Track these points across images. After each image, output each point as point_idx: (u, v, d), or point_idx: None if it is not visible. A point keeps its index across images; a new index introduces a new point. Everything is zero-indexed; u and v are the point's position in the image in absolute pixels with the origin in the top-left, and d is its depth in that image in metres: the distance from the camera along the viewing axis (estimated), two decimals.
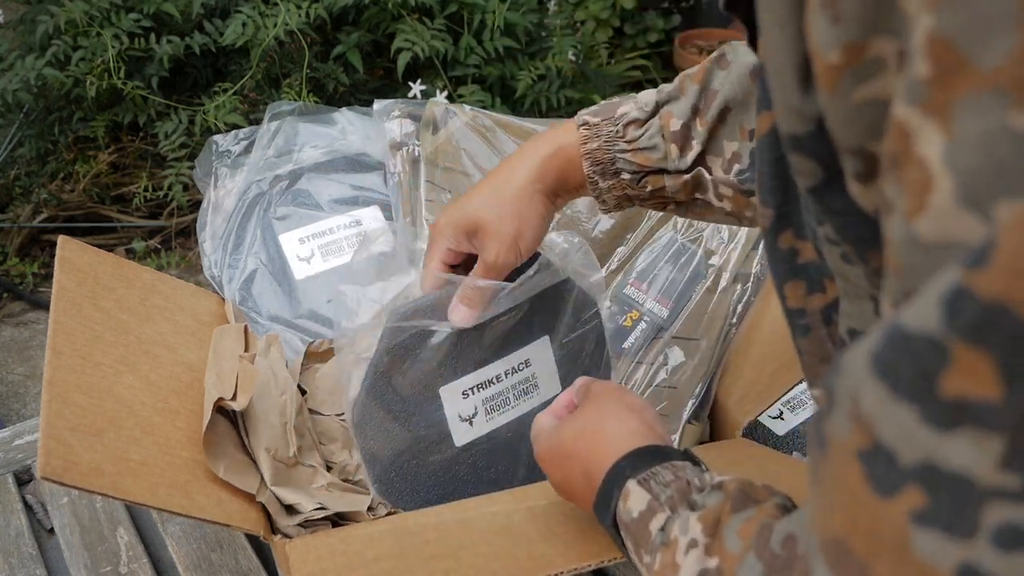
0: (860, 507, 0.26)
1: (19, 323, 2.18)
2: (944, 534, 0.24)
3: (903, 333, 0.24)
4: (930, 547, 0.24)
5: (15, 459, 0.89)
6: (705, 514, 0.48)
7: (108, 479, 0.59)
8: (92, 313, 0.74)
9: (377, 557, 0.62)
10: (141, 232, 2.29)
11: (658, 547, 0.49)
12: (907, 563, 0.25)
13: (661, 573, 0.48)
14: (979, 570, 0.24)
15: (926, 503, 0.24)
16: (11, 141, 2.15)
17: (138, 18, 1.90)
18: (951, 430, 0.23)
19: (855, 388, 0.26)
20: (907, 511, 0.25)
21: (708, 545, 0.45)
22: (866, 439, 0.26)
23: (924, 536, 0.25)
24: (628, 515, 0.52)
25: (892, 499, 0.25)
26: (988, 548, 0.24)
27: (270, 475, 0.71)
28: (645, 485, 0.52)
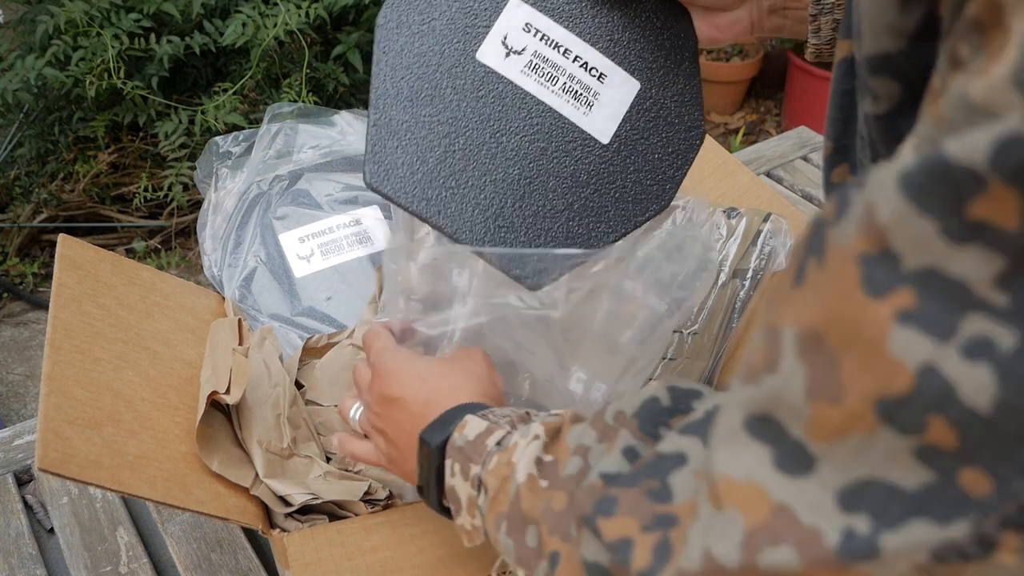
0: (847, 303, 0.27)
1: (19, 323, 2.18)
2: (921, 333, 0.26)
3: (945, 160, 0.25)
4: (903, 343, 0.26)
5: (15, 459, 0.89)
6: (547, 419, 0.50)
7: (106, 472, 0.59)
8: (92, 310, 0.74)
9: (375, 547, 0.62)
10: (141, 232, 2.29)
11: (493, 453, 0.50)
12: (877, 356, 0.27)
13: (495, 472, 0.49)
14: (939, 371, 0.25)
15: (916, 303, 0.26)
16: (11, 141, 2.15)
17: (138, 18, 1.90)
18: (964, 243, 0.25)
19: (873, 200, 0.27)
20: (893, 310, 0.26)
21: (547, 444, 0.48)
22: (873, 245, 0.27)
23: (902, 333, 0.26)
24: (463, 439, 0.52)
25: (882, 298, 0.26)
26: (955, 353, 0.25)
27: (263, 467, 0.71)
28: (483, 417, 0.53)
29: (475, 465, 0.51)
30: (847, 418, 0.28)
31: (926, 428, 0.26)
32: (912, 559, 0.27)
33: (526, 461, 0.47)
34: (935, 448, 0.26)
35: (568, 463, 0.45)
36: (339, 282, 0.96)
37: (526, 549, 0.46)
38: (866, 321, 0.27)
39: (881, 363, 0.27)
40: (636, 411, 0.45)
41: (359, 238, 0.99)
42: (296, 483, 0.71)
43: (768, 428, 0.31)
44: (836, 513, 0.28)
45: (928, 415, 0.26)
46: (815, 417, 0.29)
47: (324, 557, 0.62)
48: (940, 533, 0.26)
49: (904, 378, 0.26)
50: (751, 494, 0.31)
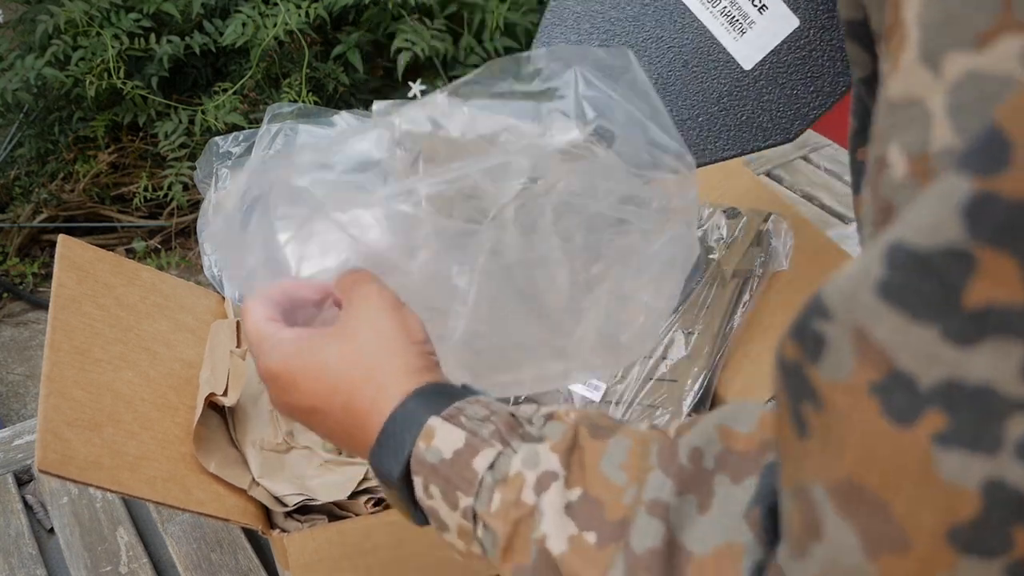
0: (876, 441, 0.25)
1: (19, 323, 2.18)
2: (968, 452, 0.24)
3: (915, 252, 0.24)
4: (954, 467, 0.24)
5: (15, 459, 0.89)
6: (557, 443, 0.41)
7: (106, 472, 0.59)
8: (91, 310, 0.74)
9: (375, 547, 0.62)
10: (141, 232, 2.29)
11: (490, 486, 0.41)
12: (930, 487, 0.24)
13: (501, 515, 0.41)
14: (1005, 483, 0.23)
15: (948, 423, 0.24)
16: (11, 141, 2.15)
17: (138, 18, 1.90)
18: (974, 343, 0.23)
19: (857, 321, 0.25)
20: (929, 435, 0.24)
21: (568, 477, 0.40)
22: (879, 371, 0.25)
23: (947, 457, 0.24)
24: (436, 456, 0.42)
25: (913, 426, 0.24)
26: (1013, 460, 0.23)
27: (258, 468, 0.71)
28: (454, 421, 0.43)
29: (464, 496, 0.42)
30: (922, 563, 0.25)
31: (1012, 543, 0.24)
32: None
33: (554, 518, 0.39)
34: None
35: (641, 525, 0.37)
36: None
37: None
38: (905, 454, 0.25)
39: (938, 493, 0.24)
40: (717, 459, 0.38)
41: None
42: (293, 481, 0.71)
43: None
44: None
45: (1010, 529, 0.24)
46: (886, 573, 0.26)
47: (324, 557, 0.62)
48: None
49: (970, 501, 0.24)
50: None
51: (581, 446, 0.41)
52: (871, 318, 0.25)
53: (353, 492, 0.71)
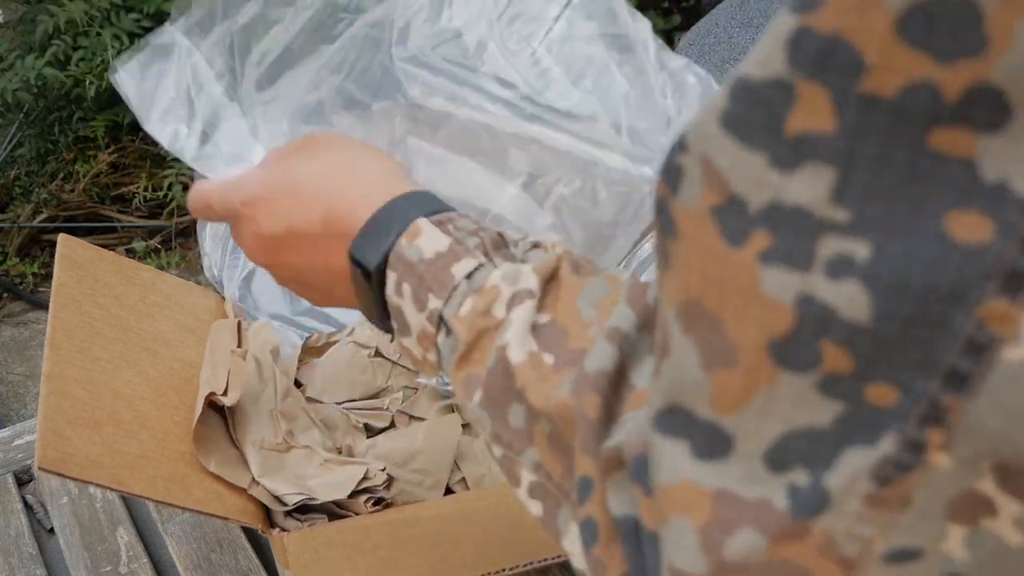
0: (713, 260, 0.27)
1: (19, 323, 2.18)
2: (786, 268, 0.25)
3: (749, 83, 0.25)
4: (775, 282, 0.26)
5: (15, 459, 0.89)
6: (539, 267, 0.41)
7: (106, 471, 0.60)
8: (91, 309, 0.74)
9: (375, 547, 0.62)
10: (141, 232, 2.29)
11: (464, 293, 0.41)
12: (754, 301, 0.26)
13: (467, 321, 0.41)
14: (814, 297, 0.25)
15: (772, 243, 0.26)
16: (11, 141, 2.15)
17: (138, 18, 1.90)
18: (793, 168, 0.25)
19: (704, 151, 0.27)
20: (756, 253, 0.26)
21: (540, 300, 0.40)
22: (720, 195, 0.26)
23: (770, 273, 0.26)
24: (416, 254, 0.42)
25: (743, 245, 0.26)
26: (821, 277, 0.25)
27: (258, 467, 0.71)
28: (442, 227, 0.43)
29: (435, 298, 0.42)
30: (747, 376, 0.27)
31: (821, 358, 0.25)
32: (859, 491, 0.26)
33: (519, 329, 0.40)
34: (835, 376, 0.26)
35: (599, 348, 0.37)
36: None
37: (507, 429, 0.40)
38: (735, 271, 0.26)
39: (761, 307, 0.26)
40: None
41: None
42: (293, 481, 0.71)
43: (677, 419, 0.29)
44: (772, 476, 0.27)
45: (818, 343, 0.25)
46: (717, 387, 0.28)
47: (323, 557, 0.62)
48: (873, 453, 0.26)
49: (785, 314, 0.26)
50: (686, 494, 0.29)
51: (560, 278, 0.42)
52: (714, 147, 0.26)
53: (353, 491, 0.71)
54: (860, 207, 0.24)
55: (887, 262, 0.24)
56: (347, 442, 0.78)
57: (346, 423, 0.80)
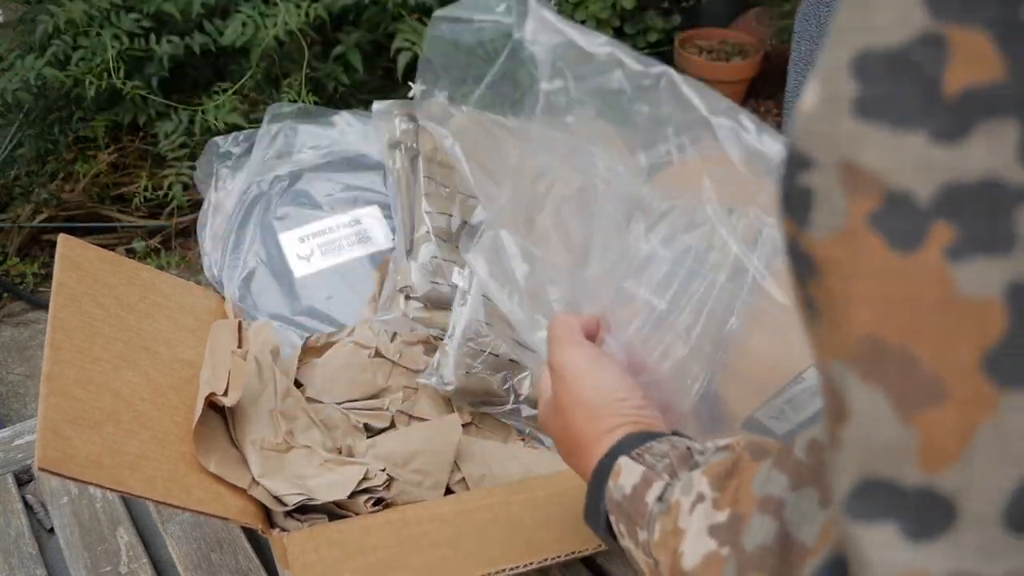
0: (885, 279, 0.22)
1: (19, 323, 2.18)
2: (984, 257, 0.21)
3: (882, 53, 0.21)
4: (972, 279, 0.21)
5: (15, 459, 0.89)
6: (711, 468, 0.41)
7: (106, 471, 0.60)
8: (91, 309, 0.74)
9: (375, 546, 0.62)
10: (141, 232, 2.29)
11: (656, 517, 0.42)
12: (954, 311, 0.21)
13: (662, 546, 0.41)
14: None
15: (957, 233, 0.21)
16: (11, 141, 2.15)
17: (138, 18, 1.90)
18: (965, 135, 0.21)
19: (840, 154, 0.22)
20: (940, 251, 0.21)
21: (717, 499, 0.39)
22: (874, 199, 0.22)
23: (964, 269, 0.21)
24: (620, 492, 0.45)
25: (921, 248, 0.21)
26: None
27: (258, 467, 0.71)
28: (639, 459, 0.46)
29: (641, 530, 0.43)
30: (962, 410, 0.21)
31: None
32: None
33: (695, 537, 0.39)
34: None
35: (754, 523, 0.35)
36: (339, 282, 0.96)
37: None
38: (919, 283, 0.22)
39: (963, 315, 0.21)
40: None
41: (359, 238, 0.99)
42: (293, 481, 0.71)
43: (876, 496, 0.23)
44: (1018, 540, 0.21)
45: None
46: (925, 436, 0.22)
47: (324, 557, 0.62)
48: None
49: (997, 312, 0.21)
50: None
51: (741, 469, 0.40)
52: (856, 144, 0.22)
53: (353, 492, 0.71)
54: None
55: None
56: (347, 442, 0.78)
57: (346, 423, 0.80)
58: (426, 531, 0.65)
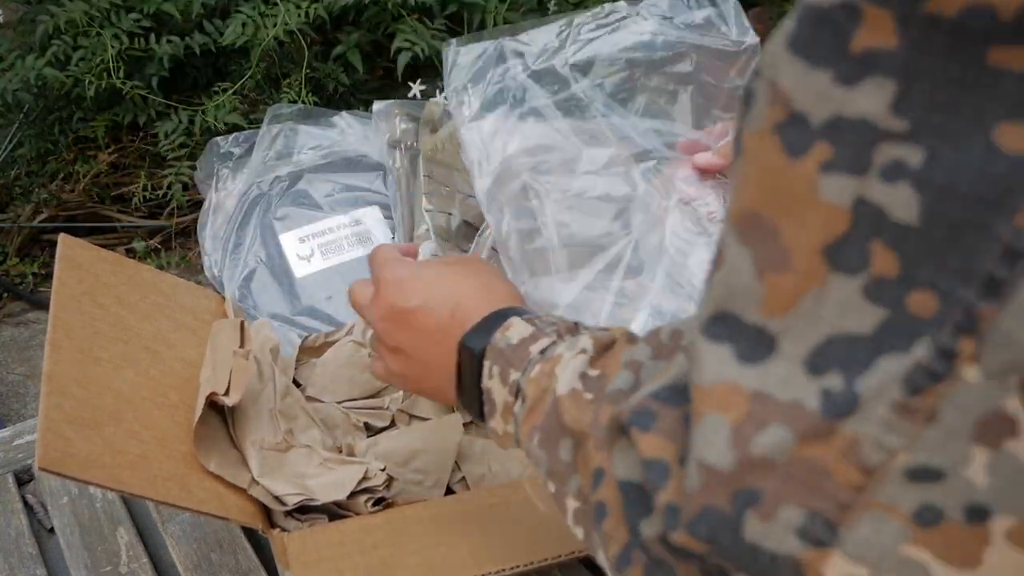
0: (773, 174, 0.29)
1: (19, 323, 2.18)
2: (845, 175, 0.27)
3: (816, 7, 0.27)
4: (833, 188, 0.27)
5: (15, 459, 0.89)
6: (594, 335, 0.47)
7: (106, 471, 0.60)
8: (92, 309, 0.74)
9: (375, 545, 0.63)
10: (141, 232, 2.29)
11: (536, 361, 0.48)
12: (813, 207, 0.28)
13: (534, 381, 0.47)
14: (867, 199, 0.27)
15: (832, 152, 0.27)
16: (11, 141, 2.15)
17: (138, 18, 1.90)
18: (857, 82, 0.27)
19: (773, 74, 0.28)
20: (816, 163, 0.28)
21: (593, 359, 0.45)
22: (783, 112, 0.28)
23: (829, 180, 0.27)
24: (505, 342, 0.50)
25: (804, 157, 0.28)
26: (876, 181, 0.27)
27: (257, 467, 0.71)
28: (530, 322, 0.51)
29: (515, 371, 0.49)
30: (799, 278, 0.28)
31: (870, 260, 0.27)
32: (888, 397, 0.27)
33: (570, 374, 0.45)
34: (880, 280, 0.27)
35: (617, 377, 0.42)
36: (339, 282, 0.96)
37: (559, 463, 0.44)
38: (794, 181, 0.28)
39: (818, 212, 0.28)
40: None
41: (359, 238, 0.99)
42: (293, 481, 0.71)
43: (725, 325, 0.30)
44: (809, 380, 0.28)
45: (869, 243, 0.27)
46: (769, 290, 0.29)
47: (324, 556, 0.62)
48: (905, 360, 0.27)
49: (842, 217, 0.27)
50: (724, 393, 0.30)
51: (616, 347, 0.46)
52: (780, 68, 0.28)
53: (353, 491, 0.71)
54: (918, 116, 0.26)
55: (939, 167, 0.25)
56: (347, 441, 0.78)
57: (346, 422, 0.80)
58: (426, 530, 0.65)
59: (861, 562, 0.28)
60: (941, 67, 0.25)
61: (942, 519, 0.27)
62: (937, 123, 0.25)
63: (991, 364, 0.25)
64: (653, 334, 0.44)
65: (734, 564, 0.31)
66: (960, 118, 0.25)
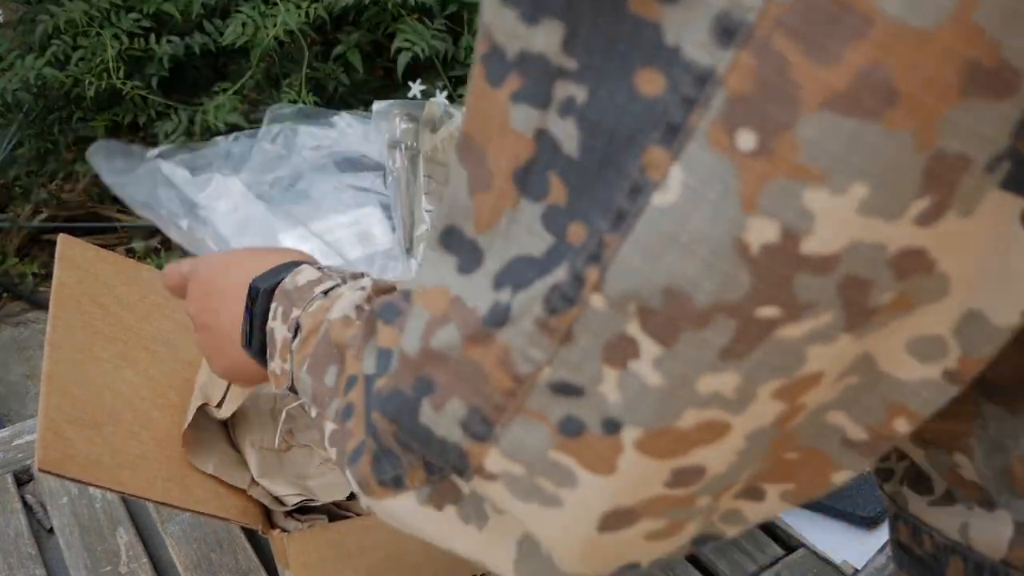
0: (480, 99, 0.31)
1: (19, 323, 2.18)
2: (530, 106, 0.29)
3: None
4: (521, 117, 0.29)
5: (15, 459, 0.89)
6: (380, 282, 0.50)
7: (106, 471, 0.59)
8: (91, 309, 0.74)
9: (375, 545, 0.62)
10: (141, 232, 2.29)
11: (317, 299, 0.50)
12: (506, 134, 0.30)
13: (312, 315, 0.49)
14: (548, 132, 0.29)
15: (521, 84, 0.29)
16: (11, 141, 2.15)
17: (138, 18, 1.90)
18: (535, 22, 0.28)
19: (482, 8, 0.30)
20: (509, 93, 0.30)
21: (371, 296, 0.48)
22: (486, 45, 0.30)
23: (517, 110, 0.30)
24: (292, 284, 0.52)
25: (500, 86, 0.30)
26: (555, 115, 0.29)
27: (257, 467, 0.71)
28: (320, 270, 0.53)
29: (296, 308, 0.50)
30: (497, 198, 0.31)
31: (548, 189, 0.29)
32: (533, 313, 0.30)
33: (345, 303, 0.47)
34: (554, 208, 0.29)
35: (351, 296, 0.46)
36: None
37: (323, 387, 0.45)
38: (494, 109, 0.30)
39: (510, 139, 0.30)
40: None
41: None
42: (292, 481, 0.71)
43: (452, 238, 0.33)
44: (490, 292, 0.31)
45: (547, 173, 0.29)
46: (477, 208, 0.32)
47: (324, 556, 0.62)
48: (549, 280, 0.29)
49: (527, 145, 0.29)
50: (436, 295, 0.33)
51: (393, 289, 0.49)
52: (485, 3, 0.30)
53: (352, 492, 0.71)
54: (583, 58, 0.28)
55: (594, 105, 0.28)
56: None
57: None
58: None
59: (516, 461, 0.32)
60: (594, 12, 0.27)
61: (584, 430, 0.30)
62: (598, 65, 0.27)
63: (613, 292, 0.28)
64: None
65: (417, 445, 0.35)
66: (613, 62, 0.27)
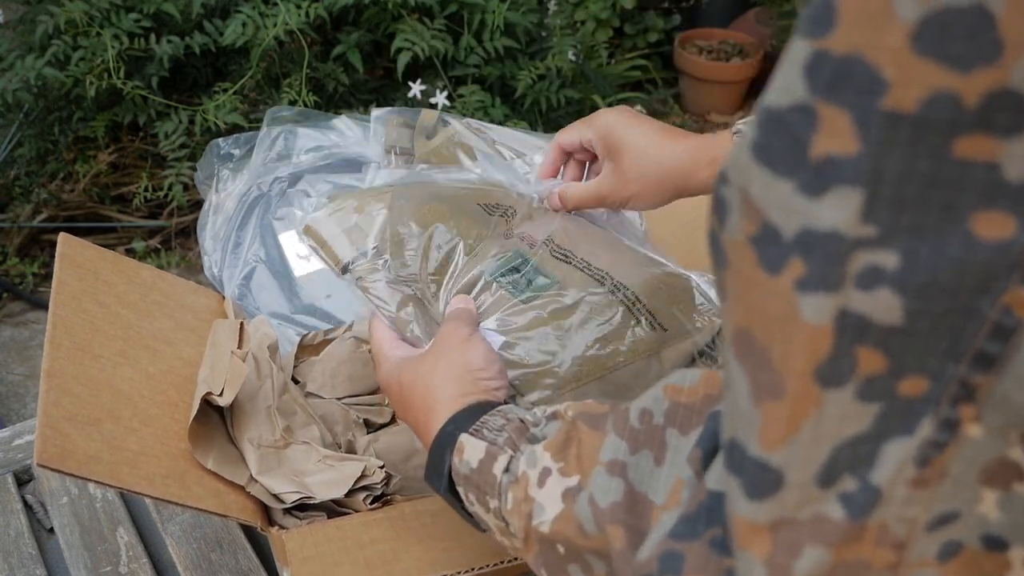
0: (756, 290, 0.28)
1: (19, 323, 2.18)
2: (822, 293, 0.27)
3: (772, 111, 0.26)
4: (812, 308, 0.27)
5: (15, 459, 0.89)
6: (549, 443, 0.48)
7: (105, 467, 0.60)
8: (92, 308, 0.74)
9: (373, 540, 0.63)
10: (141, 232, 2.29)
11: (507, 487, 0.48)
12: (796, 329, 0.27)
13: (516, 511, 0.47)
14: (848, 311, 0.26)
15: (806, 269, 0.27)
16: (11, 141, 2.15)
17: (138, 18, 1.90)
18: (821, 194, 0.26)
19: (743, 183, 0.28)
20: (792, 281, 0.27)
21: (563, 468, 0.46)
22: (755, 224, 0.27)
23: (806, 300, 0.27)
24: (466, 467, 0.51)
25: (780, 274, 0.27)
26: (854, 291, 0.26)
27: (256, 465, 0.71)
28: (478, 435, 0.51)
29: (492, 499, 0.49)
30: (794, 405, 0.28)
31: (857, 364, 0.27)
32: (905, 478, 0.28)
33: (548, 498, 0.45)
34: (871, 379, 0.27)
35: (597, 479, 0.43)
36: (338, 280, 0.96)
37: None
38: (775, 300, 0.27)
39: (802, 334, 0.27)
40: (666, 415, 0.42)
41: None
42: (291, 479, 0.71)
43: (735, 455, 0.31)
44: (823, 493, 0.29)
45: (854, 351, 0.27)
46: (765, 420, 0.29)
47: (323, 553, 0.62)
48: (913, 441, 0.27)
49: (826, 336, 0.27)
50: (745, 530, 0.31)
51: (578, 438, 0.47)
52: (748, 177, 0.27)
53: (351, 489, 0.71)
54: (888, 220, 0.25)
55: (917, 266, 0.25)
56: (347, 437, 0.78)
57: (346, 418, 0.80)
58: (425, 525, 0.65)
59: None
60: (907, 165, 0.25)
61: (962, 548, 0.28)
62: (908, 223, 0.25)
63: (993, 422, 0.26)
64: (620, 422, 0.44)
65: None
66: (931, 214, 0.25)
